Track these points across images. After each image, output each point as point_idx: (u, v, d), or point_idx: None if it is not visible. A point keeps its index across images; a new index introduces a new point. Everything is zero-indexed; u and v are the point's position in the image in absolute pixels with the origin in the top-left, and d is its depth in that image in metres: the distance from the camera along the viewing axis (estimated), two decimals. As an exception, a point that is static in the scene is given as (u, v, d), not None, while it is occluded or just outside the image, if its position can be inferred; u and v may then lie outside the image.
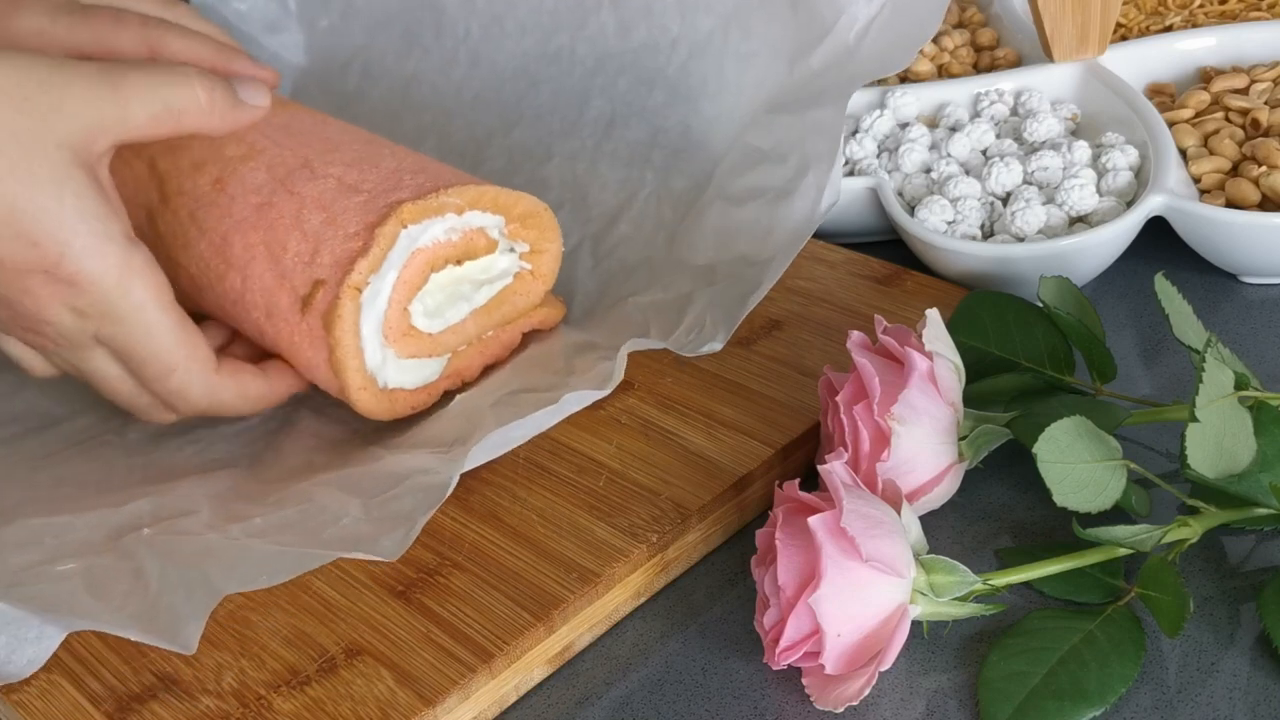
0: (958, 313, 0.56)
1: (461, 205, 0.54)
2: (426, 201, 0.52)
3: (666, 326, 0.56)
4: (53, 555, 0.48)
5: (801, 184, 0.57)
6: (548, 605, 0.47)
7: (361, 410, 0.54)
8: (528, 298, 0.58)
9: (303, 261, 0.53)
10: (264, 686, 0.45)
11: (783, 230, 0.56)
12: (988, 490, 0.53)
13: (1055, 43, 0.70)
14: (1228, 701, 0.43)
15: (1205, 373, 0.45)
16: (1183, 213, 0.61)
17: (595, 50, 0.70)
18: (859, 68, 0.57)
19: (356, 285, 0.51)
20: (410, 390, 0.55)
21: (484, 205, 0.54)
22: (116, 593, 0.46)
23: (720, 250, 0.58)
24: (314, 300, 0.52)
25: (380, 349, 0.53)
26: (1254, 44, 0.72)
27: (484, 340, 0.57)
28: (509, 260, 0.57)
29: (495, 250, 0.56)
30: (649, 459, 0.53)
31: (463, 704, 0.45)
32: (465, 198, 0.54)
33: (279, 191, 0.55)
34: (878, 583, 0.43)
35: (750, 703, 0.45)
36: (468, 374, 0.57)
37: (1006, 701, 0.43)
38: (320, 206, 0.53)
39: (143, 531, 0.49)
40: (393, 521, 0.47)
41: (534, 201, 0.56)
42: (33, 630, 0.44)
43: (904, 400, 0.47)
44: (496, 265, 0.56)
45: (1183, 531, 0.46)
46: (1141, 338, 0.61)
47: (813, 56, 0.60)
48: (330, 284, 0.52)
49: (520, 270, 0.57)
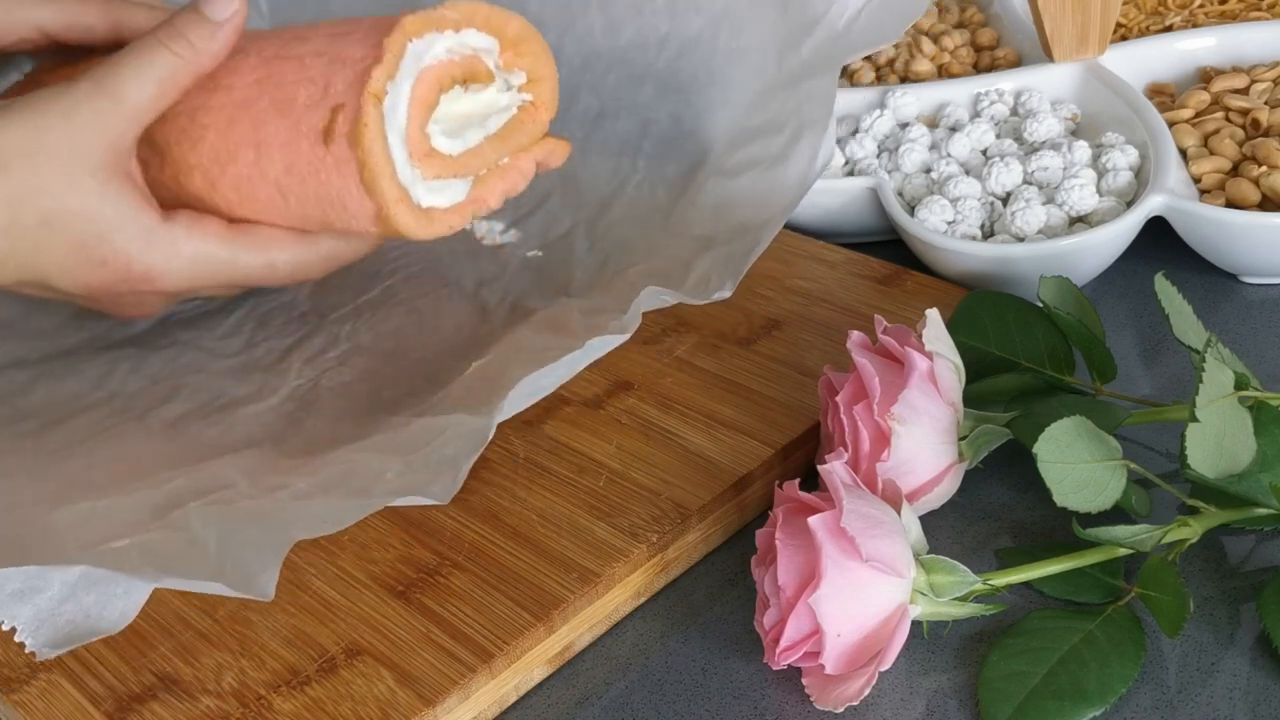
0: (958, 313, 0.56)
1: (458, 20, 0.53)
2: (427, 13, 0.52)
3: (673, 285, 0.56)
4: (104, 536, 0.48)
5: (796, 149, 0.57)
6: (548, 605, 0.47)
7: (400, 226, 0.53)
8: (534, 126, 0.57)
9: (315, 101, 0.52)
10: (264, 686, 0.45)
11: (779, 193, 0.57)
12: (988, 490, 0.53)
13: (1055, 43, 0.70)
14: (1228, 701, 0.43)
15: (1205, 373, 0.45)
16: (1183, 213, 0.61)
17: (583, 49, 0.70)
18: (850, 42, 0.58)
19: (376, 93, 0.51)
20: (444, 209, 0.54)
21: (479, 23, 0.54)
22: (178, 560, 0.45)
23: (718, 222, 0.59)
24: (334, 126, 0.52)
25: (407, 165, 0.52)
26: (1254, 44, 0.72)
27: (501, 167, 0.56)
28: (510, 97, 0.56)
29: (494, 82, 0.56)
30: (649, 459, 0.53)
31: (463, 704, 0.45)
32: (460, 11, 0.53)
33: (273, 62, 0.54)
34: (878, 583, 0.43)
35: (750, 703, 0.45)
36: (491, 199, 0.56)
37: (1006, 701, 0.43)
38: (320, 54, 0.53)
39: (189, 505, 0.49)
40: (437, 468, 0.47)
41: (524, 23, 0.56)
42: (120, 586, 0.44)
43: (904, 400, 0.47)
44: (499, 101, 0.56)
45: (1183, 531, 0.46)
46: (1141, 338, 0.61)
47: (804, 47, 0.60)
48: (349, 105, 0.51)
49: (522, 103, 0.57)
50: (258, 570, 0.44)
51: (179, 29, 0.54)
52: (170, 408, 0.59)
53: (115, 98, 0.52)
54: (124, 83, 0.52)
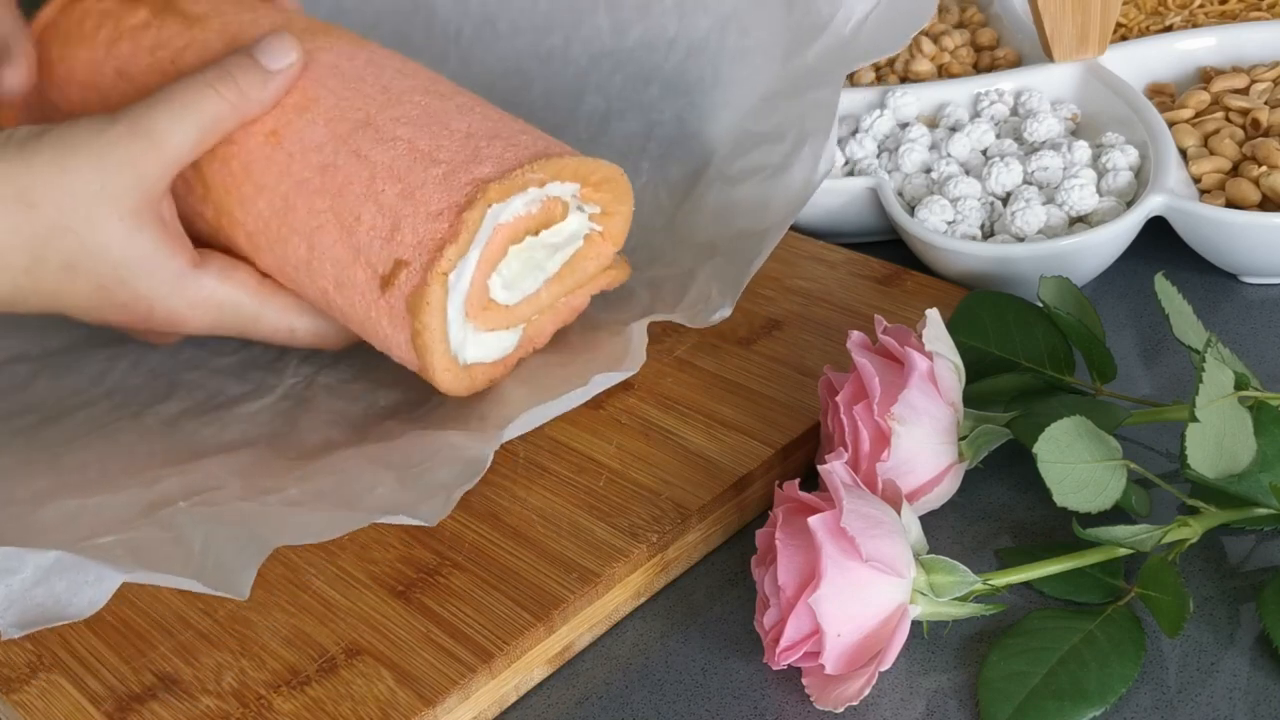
0: (958, 313, 0.56)
1: (544, 179, 0.52)
2: (511, 180, 0.51)
3: (671, 300, 0.56)
4: (91, 532, 0.48)
5: (798, 157, 0.57)
6: (548, 605, 0.47)
7: (443, 389, 0.53)
8: (597, 261, 0.57)
9: (380, 237, 0.51)
10: (264, 686, 0.45)
11: (780, 201, 0.57)
12: (988, 490, 0.53)
13: (1055, 43, 0.70)
14: (1228, 701, 0.43)
15: (1205, 373, 0.45)
16: (1183, 213, 0.61)
17: (590, 50, 0.70)
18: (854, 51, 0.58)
19: (444, 271, 0.50)
20: (488, 364, 0.54)
21: (565, 176, 0.53)
22: (160, 558, 0.46)
23: (719, 228, 0.59)
24: (396, 281, 0.50)
25: (462, 326, 0.52)
26: (1254, 44, 0.72)
27: (555, 307, 0.56)
28: (579, 222, 0.55)
29: (568, 215, 0.55)
30: (649, 459, 0.53)
31: (463, 704, 0.45)
32: (548, 171, 0.52)
33: (342, 152, 0.53)
34: (878, 583, 0.43)
35: (750, 703, 0.45)
36: (539, 341, 0.56)
37: (1006, 701, 0.43)
38: (394, 177, 0.51)
39: (178, 505, 0.49)
40: (429, 490, 0.47)
41: (611, 167, 0.55)
42: (91, 574, 0.44)
43: (904, 400, 0.47)
44: (568, 228, 0.55)
45: (1183, 531, 0.46)
46: (1141, 338, 0.61)
47: (809, 51, 0.60)
48: (414, 267, 0.50)
49: (590, 232, 0.56)
50: (236, 569, 0.44)
51: (230, 73, 0.52)
52: (168, 405, 0.59)
53: (152, 139, 0.50)
54: (162, 124, 0.51)
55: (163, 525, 0.48)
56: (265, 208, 0.54)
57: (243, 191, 0.54)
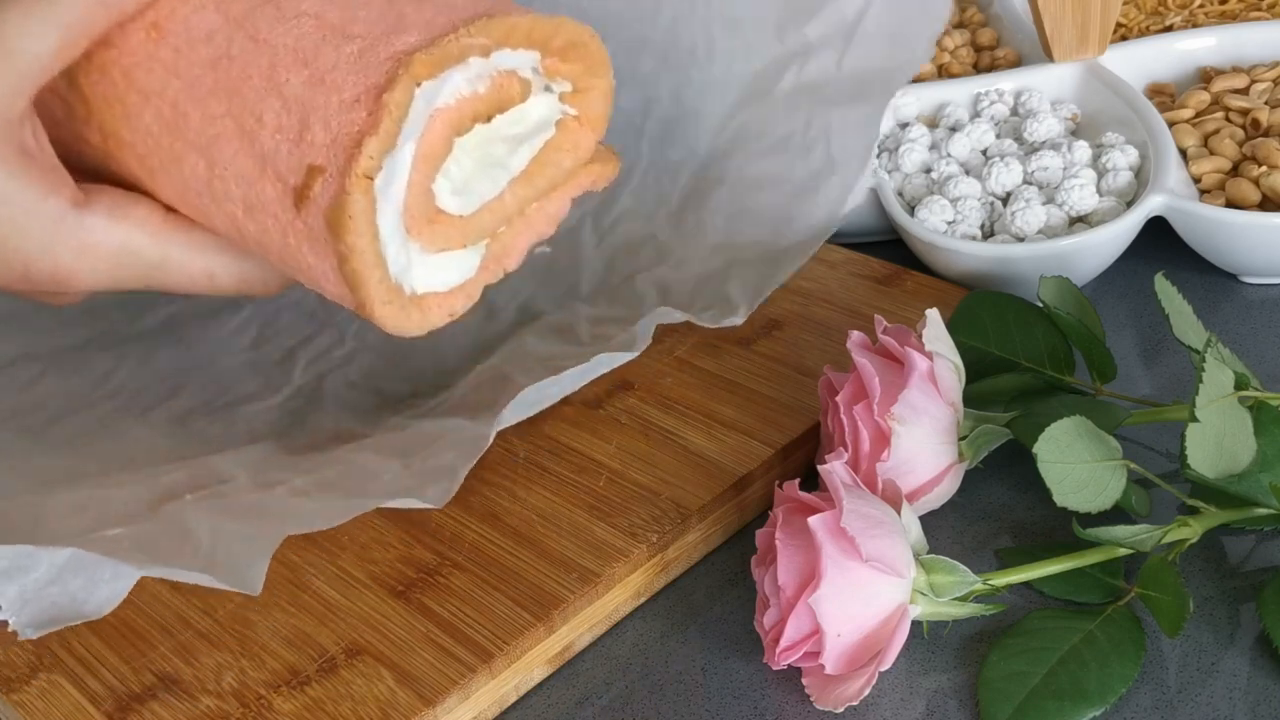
0: (958, 313, 0.56)
1: (488, 45, 0.41)
2: (443, 47, 0.40)
3: (682, 303, 0.55)
4: (98, 524, 0.47)
5: (827, 182, 0.56)
6: (548, 605, 0.47)
7: (389, 328, 0.43)
8: (575, 152, 0.46)
9: (288, 139, 0.41)
10: (264, 686, 0.45)
11: (804, 223, 0.56)
12: (988, 490, 0.53)
13: (1055, 43, 0.70)
14: (1228, 701, 0.43)
15: (1205, 373, 0.45)
16: (1183, 213, 0.61)
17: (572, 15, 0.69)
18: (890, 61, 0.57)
19: (367, 173, 0.39)
20: (444, 292, 0.45)
21: (515, 41, 0.42)
22: (168, 551, 0.45)
23: (733, 233, 0.58)
24: (310, 192, 0.40)
25: (403, 246, 0.42)
26: (1254, 44, 0.72)
27: (526, 215, 0.46)
28: (547, 104, 0.45)
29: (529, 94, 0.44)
30: (649, 459, 0.53)
31: (463, 704, 0.45)
32: (492, 34, 0.41)
33: (237, 39, 0.42)
34: (878, 583, 0.43)
35: (750, 703, 0.45)
36: (509, 260, 0.47)
37: (1006, 701, 0.43)
38: (299, 61, 0.41)
39: (185, 498, 0.49)
40: (435, 474, 0.47)
41: (577, 27, 0.44)
42: (107, 571, 0.42)
43: (904, 400, 0.47)
44: (531, 113, 0.44)
45: (1183, 531, 0.46)
46: (1141, 338, 0.61)
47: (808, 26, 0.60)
48: (331, 172, 0.40)
49: (563, 116, 0.46)
50: (247, 564, 0.44)
51: None
52: (175, 403, 0.59)
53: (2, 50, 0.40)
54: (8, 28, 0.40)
55: (169, 518, 0.48)
56: (153, 121, 0.44)
57: (127, 104, 0.44)
